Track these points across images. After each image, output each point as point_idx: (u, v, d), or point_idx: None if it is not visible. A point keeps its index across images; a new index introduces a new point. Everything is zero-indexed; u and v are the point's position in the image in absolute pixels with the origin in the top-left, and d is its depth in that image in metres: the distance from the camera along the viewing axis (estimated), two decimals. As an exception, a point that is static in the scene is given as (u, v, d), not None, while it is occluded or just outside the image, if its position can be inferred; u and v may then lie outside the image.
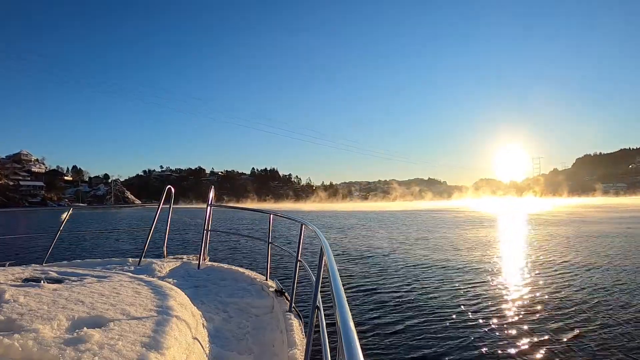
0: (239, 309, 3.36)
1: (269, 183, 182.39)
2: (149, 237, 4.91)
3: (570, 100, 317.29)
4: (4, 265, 4.09)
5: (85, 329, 1.97)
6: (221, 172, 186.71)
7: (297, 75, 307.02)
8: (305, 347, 2.04)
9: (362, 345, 0.93)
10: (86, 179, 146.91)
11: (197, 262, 4.73)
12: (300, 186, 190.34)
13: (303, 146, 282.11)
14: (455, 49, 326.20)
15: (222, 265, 4.88)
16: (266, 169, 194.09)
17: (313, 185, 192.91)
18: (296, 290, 3.22)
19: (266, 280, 4.08)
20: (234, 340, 2.78)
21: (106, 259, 4.96)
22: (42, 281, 3.01)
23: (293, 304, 3.16)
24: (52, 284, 2.94)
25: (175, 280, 3.85)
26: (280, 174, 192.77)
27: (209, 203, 5.00)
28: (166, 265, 4.56)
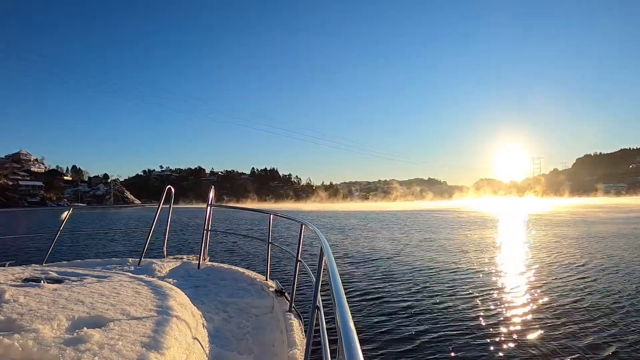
0: (239, 309, 3.37)
1: (269, 183, 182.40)
2: (149, 237, 4.91)
3: (570, 100, 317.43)
4: (4, 265, 4.09)
5: (85, 329, 1.97)
6: (221, 172, 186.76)
7: (297, 75, 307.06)
8: (305, 347, 2.05)
9: (362, 345, 0.93)
10: (86, 179, 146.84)
11: (197, 262, 4.73)
12: (301, 186, 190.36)
13: (303, 146, 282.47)
14: (455, 49, 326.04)
15: (222, 265, 4.89)
16: (266, 169, 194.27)
17: (313, 185, 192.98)
18: (296, 290, 3.22)
19: (266, 280, 4.08)
20: (234, 340, 2.78)
21: (106, 259, 4.96)
22: (42, 281, 3.02)
23: (293, 304, 3.16)
24: (52, 284, 2.94)
25: (175, 280, 3.85)
26: (280, 174, 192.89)
27: (209, 203, 5.00)
28: (166, 265, 4.56)
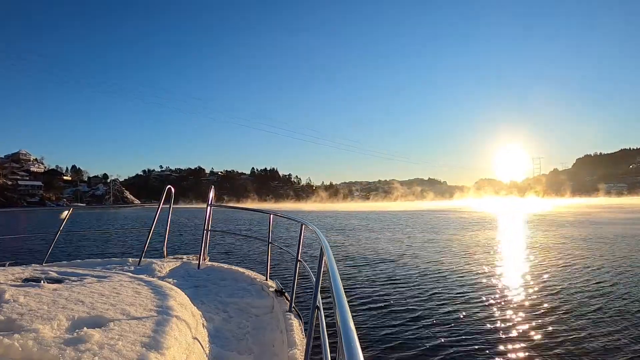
0: (239, 309, 3.36)
1: (268, 183, 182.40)
2: (149, 237, 4.91)
3: (570, 100, 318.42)
4: (4, 265, 4.09)
5: (85, 329, 1.97)
6: (221, 172, 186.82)
7: (297, 75, 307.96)
8: (305, 347, 2.04)
9: (362, 345, 0.93)
10: (85, 179, 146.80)
11: (197, 262, 4.73)
12: (301, 186, 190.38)
13: (303, 146, 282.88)
14: (455, 49, 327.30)
15: (222, 265, 4.89)
16: (266, 169, 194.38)
17: (313, 185, 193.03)
18: (296, 290, 3.22)
19: (266, 280, 4.08)
20: (234, 340, 2.78)
21: (106, 259, 4.96)
22: (42, 281, 3.01)
23: (293, 304, 3.16)
24: (52, 284, 2.94)
25: (175, 280, 3.85)
26: (280, 174, 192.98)
27: (209, 203, 5.00)
28: (166, 265, 4.56)
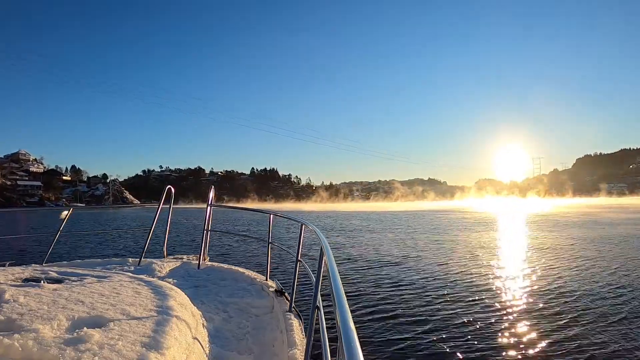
0: (239, 309, 3.36)
1: (268, 183, 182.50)
2: (149, 237, 4.91)
3: (570, 100, 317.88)
4: (4, 265, 4.09)
5: (85, 329, 1.97)
6: (221, 172, 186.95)
7: (297, 75, 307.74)
8: (305, 347, 2.04)
9: (362, 345, 0.92)
10: (85, 179, 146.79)
11: (197, 262, 4.73)
12: (300, 186, 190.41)
13: (303, 146, 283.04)
14: (455, 49, 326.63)
15: (222, 265, 4.89)
16: (266, 169, 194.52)
17: (313, 185, 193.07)
18: (296, 290, 3.22)
19: (266, 280, 4.08)
20: (234, 340, 2.78)
21: (106, 259, 4.97)
22: (42, 281, 3.02)
23: (293, 304, 3.16)
24: (52, 284, 2.94)
25: (175, 280, 3.85)
26: (280, 174, 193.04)
27: (209, 203, 5.01)
28: (166, 265, 4.57)
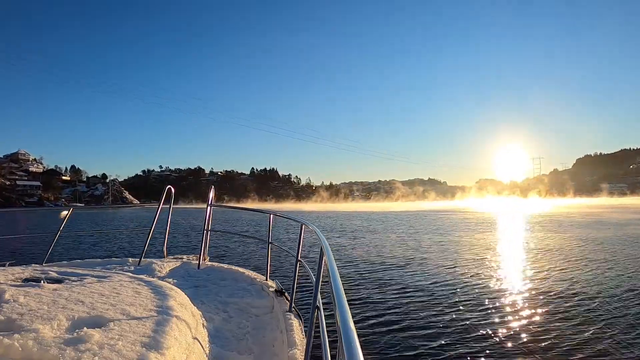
0: (239, 309, 3.37)
1: (268, 183, 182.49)
2: (149, 237, 4.91)
3: (570, 100, 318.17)
4: (4, 265, 4.09)
5: (85, 329, 1.97)
6: (221, 172, 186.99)
7: (297, 75, 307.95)
8: (305, 347, 2.04)
9: (362, 345, 0.92)
10: (84, 179, 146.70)
11: (197, 262, 4.73)
12: (300, 186, 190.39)
13: (303, 146, 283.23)
14: (455, 49, 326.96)
15: (222, 265, 4.89)
16: (265, 169, 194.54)
17: (313, 185, 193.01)
18: (296, 290, 3.22)
19: (266, 280, 4.08)
20: (234, 340, 2.78)
21: (106, 259, 4.97)
22: (42, 281, 3.01)
23: (293, 304, 3.16)
24: (52, 284, 2.94)
25: (175, 280, 3.85)
26: (280, 174, 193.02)
27: (209, 203, 5.01)
28: (166, 265, 4.57)
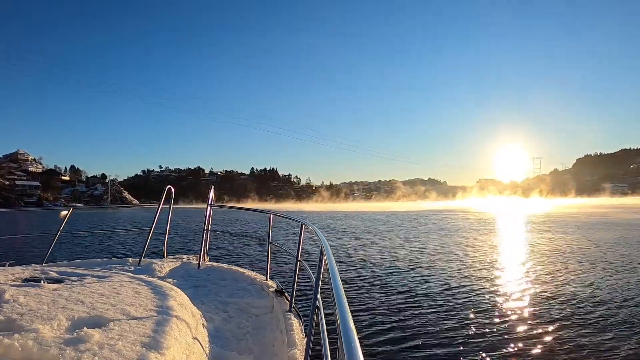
0: (239, 309, 3.37)
1: (268, 183, 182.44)
2: (149, 237, 4.92)
3: (570, 100, 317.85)
4: (4, 265, 4.09)
5: (85, 329, 1.97)
6: (221, 172, 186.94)
7: (297, 75, 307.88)
8: (305, 347, 2.04)
9: (362, 345, 0.92)
10: (83, 179, 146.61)
11: (197, 262, 4.73)
12: (301, 186, 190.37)
13: (303, 146, 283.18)
14: (455, 49, 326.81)
15: (222, 265, 4.89)
16: (265, 169, 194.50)
17: (313, 185, 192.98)
18: (296, 290, 3.22)
19: (266, 280, 4.08)
20: (234, 340, 2.78)
21: (106, 259, 4.97)
22: (42, 281, 3.02)
23: (293, 304, 3.16)
24: (52, 284, 2.94)
25: (175, 280, 3.85)
26: (280, 174, 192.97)
27: (209, 203, 5.01)
28: (166, 265, 4.57)
